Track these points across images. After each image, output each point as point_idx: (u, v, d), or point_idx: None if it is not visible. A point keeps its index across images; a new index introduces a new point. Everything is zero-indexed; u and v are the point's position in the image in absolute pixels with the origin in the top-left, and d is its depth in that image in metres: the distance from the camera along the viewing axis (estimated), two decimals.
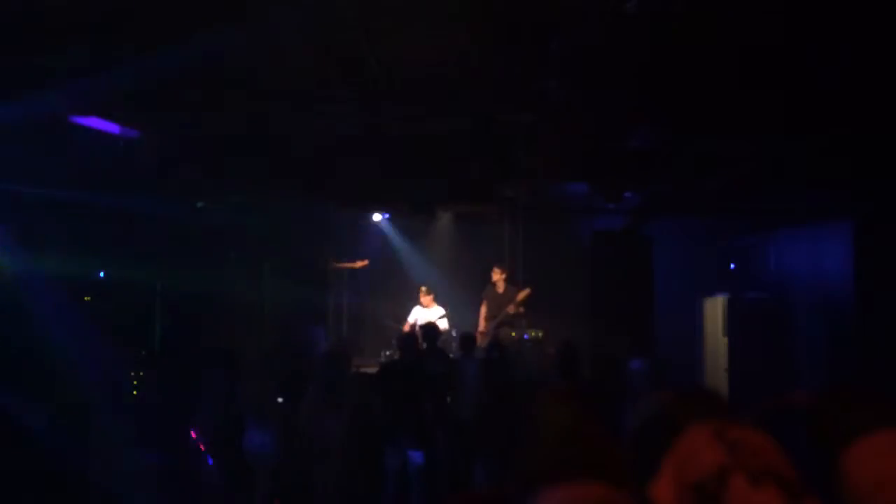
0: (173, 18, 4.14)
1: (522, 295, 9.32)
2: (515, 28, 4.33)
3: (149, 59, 4.69)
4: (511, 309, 9.28)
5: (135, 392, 7.69)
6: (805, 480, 1.17)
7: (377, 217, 10.74)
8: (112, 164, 6.59)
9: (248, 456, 5.65)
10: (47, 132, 5.77)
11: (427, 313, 9.42)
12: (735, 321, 8.45)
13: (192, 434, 5.56)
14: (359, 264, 10.32)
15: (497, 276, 9.55)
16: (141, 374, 7.78)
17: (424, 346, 6.83)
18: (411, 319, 9.55)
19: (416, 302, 9.71)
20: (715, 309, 8.87)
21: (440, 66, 4.96)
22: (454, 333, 9.15)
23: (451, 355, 7.53)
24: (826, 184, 7.05)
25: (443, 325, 9.21)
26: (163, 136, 6.43)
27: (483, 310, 9.56)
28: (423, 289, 9.58)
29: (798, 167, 6.73)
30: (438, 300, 9.73)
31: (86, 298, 7.79)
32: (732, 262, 9.32)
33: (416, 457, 6.03)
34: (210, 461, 5.63)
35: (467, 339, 7.50)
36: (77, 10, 4.07)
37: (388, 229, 11.10)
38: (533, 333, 9.20)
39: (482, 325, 9.48)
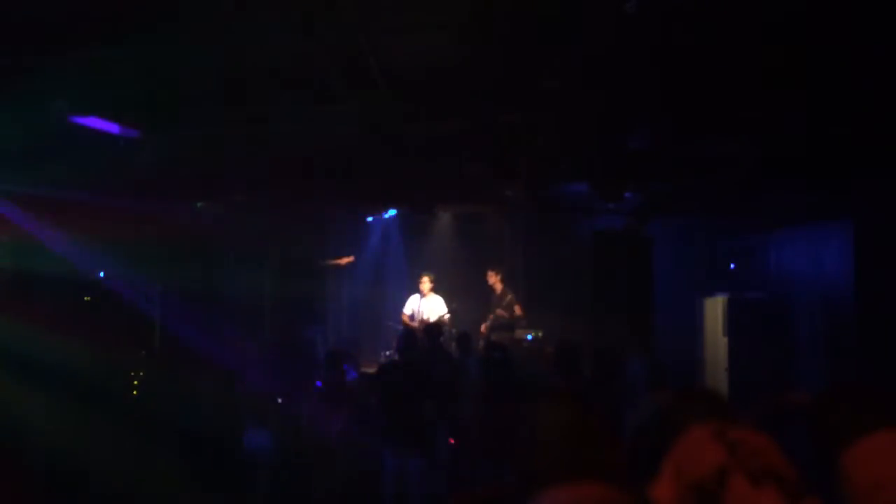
0: (173, 18, 4.14)
1: (508, 298, 9.33)
2: (515, 28, 4.33)
3: (149, 59, 4.70)
4: (500, 312, 9.28)
5: (134, 392, 7.69)
6: (805, 480, 1.17)
7: (378, 216, 10.73)
8: (112, 164, 6.59)
9: (249, 455, 5.66)
10: (47, 132, 5.76)
11: (426, 303, 9.38)
12: (735, 321, 8.45)
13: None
14: (344, 261, 10.29)
15: (493, 278, 9.56)
16: (141, 374, 7.78)
17: (427, 345, 6.82)
18: (408, 310, 9.50)
19: (415, 293, 9.63)
20: (715, 309, 8.86)
21: (440, 66, 4.96)
22: (454, 331, 9.15)
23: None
24: (826, 184, 7.04)
25: (441, 311, 9.20)
26: (163, 136, 6.42)
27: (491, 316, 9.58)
28: (426, 278, 9.49)
29: (798, 167, 6.72)
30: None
31: (86, 298, 7.80)
32: (732, 262, 9.32)
33: (416, 457, 6.03)
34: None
35: (465, 339, 7.50)
36: (74, 11, 4.07)
37: (389, 229, 11.10)
38: (533, 333, 9.21)
39: (484, 328, 9.49)
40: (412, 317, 9.41)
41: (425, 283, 9.43)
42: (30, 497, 5.94)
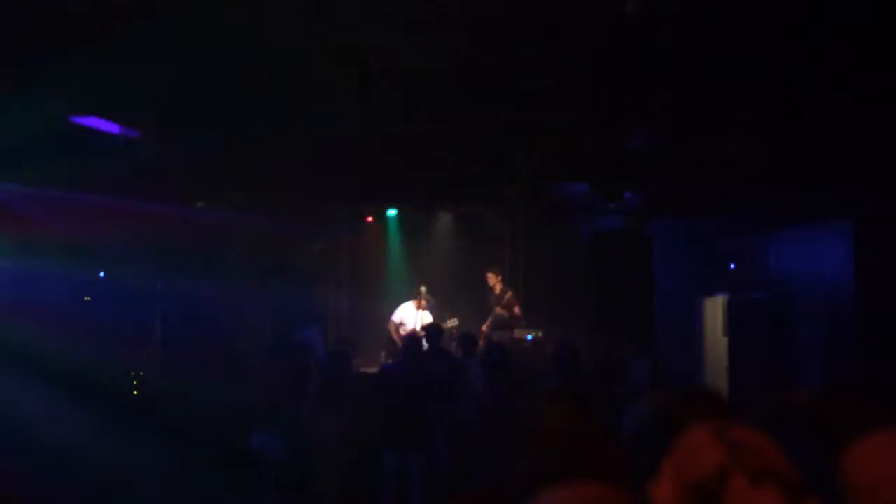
0: (173, 18, 4.14)
1: (507, 297, 9.29)
2: (516, 28, 4.33)
3: (148, 60, 4.69)
4: (499, 311, 9.26)
5: (135, 392, 7.70)
6: (805, 480, 1.17)
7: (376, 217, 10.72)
8: (112, 164, 6.59)
9: (255, 454, 5.68)
10: (47, 132, 5.76)
11: (419, 316, 9.34)
12: (735, 321, 8.45)
13: None
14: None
15: (493, 279, 9.55)
16: (141, 373, 7.79)
17: (427, 346, 6.81)
18: (396, 318, 9.47)
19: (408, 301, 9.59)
20: (715, 309, 8.86)
21: (440, 66, 4.96)
22: (454, 332, 9.14)
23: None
24: (826, 184, 7.04)
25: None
26: (163, 136, 6.42)
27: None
28: (424, 290, 9.48)
29: (798, 167, 6.72)
30: (438, 300, 9.70)
31: (86, 298, 7.81)
32: (732, 262, 9.32)
33: (417, 457, 6.03)
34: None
35: (468, 340, 7.50)
36: (74, 12, 4.07)
37: (388, 229, 11.08)
38: (533, 333, 9.20)
39: (486, 326, 9.49)
40: (400, 325, 9.38)
41: (425, 297, 9.40)
42: (31, 497, 5.94)
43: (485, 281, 9.62)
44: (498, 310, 9.28)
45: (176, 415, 6.62)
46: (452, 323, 9.47)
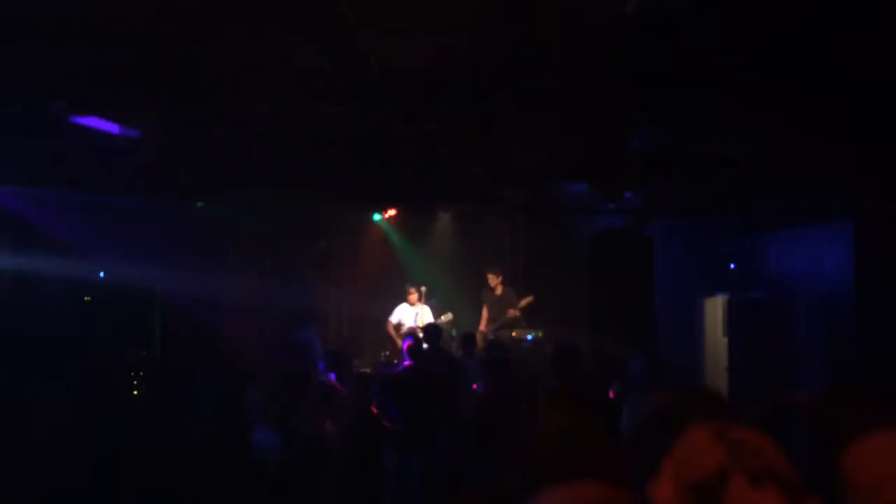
0: (172, 18, 4.14)
1: (525, 302, 9.33)
2: (515, 28, 4.33)
3: (148, 59, 4.70)
4: (512, 313, 9.30)
5: (134, 392, 7.70)
6: (805, 480, 1.17)
7: (377, 217, 10.73)
8: (112, 164, 6.59)
9: (256, 452, 5.69)
10: (47, 132, 5.77)
11: (417, 312, 9.36)
12: (735, 321, 8.46)
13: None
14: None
15: (493, 280, 9.56)
16: (141, 373, 7.80)
17: (426, 346, 6.82)
18: (394, 319, 9.49)
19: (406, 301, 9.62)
20: (715, 309, 8.86)
21: (440, 66, 4.96)
22: (454, 333, 9.16)
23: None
24: (826, 184, 7.04)
25: (428, 319, 9.22)
26: (163, 136, 6.42)
27: (484, 312, 9.57)
28: (413, 289, 9.51)
29: (798, 167, 6.72)
30: (438, 301, 9.71)
31: (86, 298, 7.81)
32: (732, 262, 9.33)
33: (417, 458, 6.03)
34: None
35: (468, 339, 7.50)
36: (73, 11, 4.07)
37: (388, 229, 11.09)
38: (533, 333, 9.22)
39: (483, 325, 9.49)
40: (398, 326, 9.40)
41: (413, 294, 9.43)
42: (31, 497, 5.95)
43: (484, 281, 9.64)
44: (511, 311, 9.30)
45: (175, 414, 6.63)
46: (447, 318, 9.48)
